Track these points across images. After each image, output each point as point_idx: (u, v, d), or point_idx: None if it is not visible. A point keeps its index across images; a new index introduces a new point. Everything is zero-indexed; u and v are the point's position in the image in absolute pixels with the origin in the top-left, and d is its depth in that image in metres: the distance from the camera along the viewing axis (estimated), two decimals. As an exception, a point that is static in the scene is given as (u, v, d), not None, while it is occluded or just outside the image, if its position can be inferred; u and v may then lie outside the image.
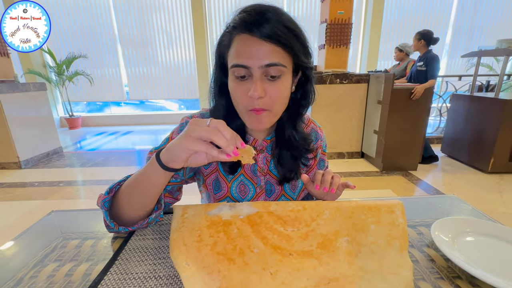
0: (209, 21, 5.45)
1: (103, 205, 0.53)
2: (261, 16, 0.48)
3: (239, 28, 0.50)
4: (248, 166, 0.66)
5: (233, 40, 0.51)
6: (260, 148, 0.66)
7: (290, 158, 0.64)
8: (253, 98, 0.51)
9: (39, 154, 3.50)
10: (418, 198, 0.99)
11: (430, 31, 2.87)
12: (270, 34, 0.48)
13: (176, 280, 0.47)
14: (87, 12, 5.44)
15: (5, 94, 3.01)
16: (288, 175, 0.65)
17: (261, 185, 0.67)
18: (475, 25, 5.68)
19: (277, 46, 0.49)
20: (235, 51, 0.51)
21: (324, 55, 3.22)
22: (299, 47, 0.52)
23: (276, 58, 0.49)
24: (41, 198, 2.46)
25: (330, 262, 0.47)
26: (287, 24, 0.50)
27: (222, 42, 0.55)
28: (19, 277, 0.48)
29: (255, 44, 0.49)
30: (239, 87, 0.52)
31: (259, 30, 0.48)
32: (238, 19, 0.51)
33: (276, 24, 0.48)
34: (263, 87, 0.50)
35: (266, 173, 0.67)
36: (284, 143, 0.63)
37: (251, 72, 0.50)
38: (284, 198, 0.70)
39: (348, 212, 0.51)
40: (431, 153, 3.16)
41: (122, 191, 0.53)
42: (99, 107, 6.74)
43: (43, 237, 0.62)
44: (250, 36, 0.49)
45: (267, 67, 0.49)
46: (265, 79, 0.51)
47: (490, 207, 2.21)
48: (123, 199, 0.53)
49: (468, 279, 0.47)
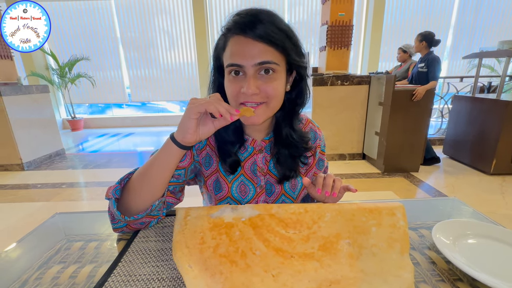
0: (210, 23, 5.48)
1: (114, 193, 0.55)
2: (254, 17, 0.51)
3: (233, 30, 0.53)
4: (248, 166, 0.67)
5: (228, 41, 0.54)
6: (258, 148, 0.67)
7: (289, 157, 0.66)
8: (247, 95, 0.53)
9: (42, 156, 3.52)
10: (419, 200, 0.99)
11: (432, 33, 2.87)
12: (263, 35, 0.50)
13: (179, 282, 0.47)
14: (90, 15, 5.48)
15: (8, 96, 3.03)
16: (287, 173, 0.67)
17: (261, 185, 0.68)
18: (477, 26, 5.67)
19: (269, 45, 0.52)
20: (230, 52, 0.54)
21: (325, 57, 3.22)
22: (291, 47, 0.54)
23: (269, 56, 0.52)
24: (43, 200, 2.48)
25: (331, 264, 0.48)
26: (279, 25, 0.53)
27: (218, 45, 0.58)
28: (24, 279, 0.49)
29: (249, 44, 0.51)
30: (232, 84, 0.55)
31: (252, 31, 0.50)
32: (232, 21, 0.54)
33: (268, 25, 0.51)
34: (256, 84, 0.53)
35: (266, 173, 0.68)
36: (282, 142, 0.65)
37: (244, 71, 0.53)
38: (284, 198, 0.70)
39: (349, 215, 0.52)
40: (433, 154, 3.15)
41: (134, 179, 0.56)
42: (101, 109, 6.77)
43: (47, 239, 0.63)
44: (243, 37, 0.52)
45: (260, 65, 0.52)
46: (258, 76, 0.54)
47: (492, 208, 2.20)
48: (134, 186, 0.55)
49: (469, 282, 0.47)
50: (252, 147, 0.67)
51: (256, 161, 0.67)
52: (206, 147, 0.67)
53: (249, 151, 0.67)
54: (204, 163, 0.67)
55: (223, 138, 0.64)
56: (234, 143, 0.65)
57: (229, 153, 0.64)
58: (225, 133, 0.63)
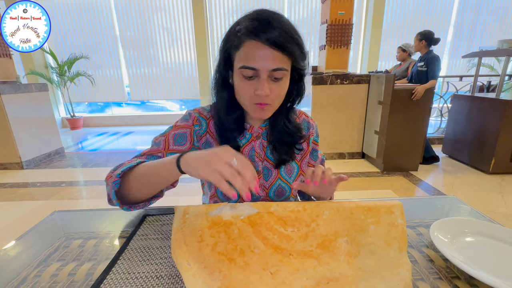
0: (210, 22, 5.46)
1: (113, 186, 0.56)
2: (269, 24, 0.55)
3: (250, 34, 0.56)
4: (246, 152, 0.72)
5: (243, 43, 0.57)
6: (256, 135, 0.72)
7: (284, 144, 0.71)
8: (261, 96, 0.58)
9: (41, 155, 3.51)
10: (417, 198, 0.99)
11: (431, 32, 2.87)
12: (277, 42, 0.55)
13: (177, 279, 0.47)
14: (89, 13, 5.46)
15: (7, 94, 3.03)
16: (284, 157, 0.72)
17: (259, 170, 0.72)
18: (476, 25, 5.66)
19: (282, 53, 0.56)
20: (245, 54, 0.57)
21: (325, 56, 3.22)
22: (299, 53, 0.59)
23: (281, 63, 0.57)
24: (43, 199, 2.48)
25: (329, 262, 0.48)
26: (290, 32, 0.57)
27: (229, 41, 0.60)
28: (23, 276, 0.49)
29: (264, 50, 0.55)
30: (246, 85, 0.59)
31: (269, 39, 0.55)
32: (249, 25, 0.57)
33: (281, 32, 0.55)
34: (269, 87, 0.58)
35: (263, 159, 0.72)
36: (278, 132, 0.71)
37: (258, 74, 0.57)
38: (281, 182, 0.74)
39: (347, 213, 0.52)
40: (432, 153, 3.16)
41: (134, 178, 0.57)
42: (100, 108, 6.76)
43: (46, 237, 0.63)
44: (260, 43, 0.55)
45: (273, 71, 0.57)
46: (269, 80, 0.58)
47: (491, 207, 2.20)
48: (134, 186, 0.57)
49: (466, 280, 0.47)
50: (250, 134, 0.72)
51: (254, 147, 0.72)
52: (206, 134, 0.70)
53: (247, 138, 0.72)
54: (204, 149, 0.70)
55: (226, 126, 0.68)
56: (234, 130, 0.69)
57: (230, 139, 0.68)
58: (228, 122, 0.67)
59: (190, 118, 0.70)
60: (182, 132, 0.68)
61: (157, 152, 0.66)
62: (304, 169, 0.78)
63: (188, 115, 0.70)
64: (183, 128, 0.69)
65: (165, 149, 0.66)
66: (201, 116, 0.71)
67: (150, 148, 0.68)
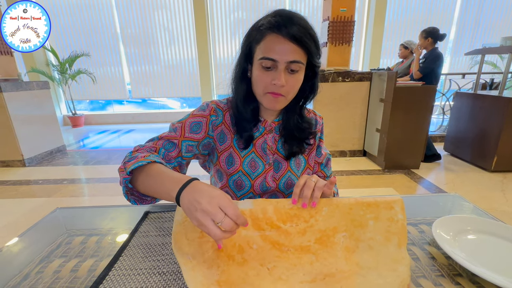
0: (211, 20, 5.44)
1: (124, 184, 0.56)
2: (290, 20, 0.60)
3: (272, 28, 0.60)
4: (259, 144, 0.75)
5: (264, 36, 0.61)
6: (269, 129, 0.76)
7: (296, 139, 0.75)
8: (277, 86, 0.62)
9: (43, 152, 3.52)
10: (419, 196, 0.99)
11: (436, 28, 2.84)
12: (296, 36, 0.58)
13: (179, 276, 0.48)
14: (90, 11, 5.45)
15: (9, 92, 3.03)
16: (295, 149, 0.76)
17: (270, 162, 0.75)
18: (479, 22, 5.62)
19: (300, 47, 0.60)
20: (265, 46, 0.61)
21: (327, 53, 3.20)
22: (314, 50, 0.63)
23: (298, 56, 0.61)
24: (45, 196, 2.49)
25: (327, 257, 0.48)
26: (310, 31, 0.61)
27: (252, 35, 0.64)
28: (26, 272, 0.49)
29: (284, 43, 0.59)
30: (264, 75, 0.63)
31: (288, 32, 0.58)
32: (272, 20, 0.60)
33: (300, 28, 0.59)
34: (285, 78, 0.62)
35: (274, 152, 0.76)
36: (291, 127, 0.74)
37: (276, 65, 0.61)
38: (290, 174, 0.77)
39: (346, 209, 0.52)
40: (433, 151, 3.15)
41: (141, 178, 0.56)
42: (101, 106, 6.77)
43: (49, 233, 0.63)
44: (281, 36, 0.59)
45: (291, 63, 0.61)
46: (286, 71, 0.62)
47: (493, 205, 2.20)
48: (140, 184, 0.56)
49: (469, 277, 0.47)
50: (263, 127, 0.75)
51: (266, 140, 0.75)
52: (222, 125, 0.73)
53: (261, 131, 0.75)
54: (219, 139, 0.74)
55: (242, 115, 0.71)
56: (250, 121, 0.73)
57: (246, 128, 0.72)
58: (245, 112, 0.71)
59: (207, 108, 0.72)
60: (198, 121, 0.70)
61: (174, 139, 0.68)
62: (311, 164, 0.82)
63: (206, 106, 0.73)
64: (200, 117, 0.71)
65: (181, 135, 0.68)
66: (218, 108, 0.73)
67: (168, 133, 0.69)
